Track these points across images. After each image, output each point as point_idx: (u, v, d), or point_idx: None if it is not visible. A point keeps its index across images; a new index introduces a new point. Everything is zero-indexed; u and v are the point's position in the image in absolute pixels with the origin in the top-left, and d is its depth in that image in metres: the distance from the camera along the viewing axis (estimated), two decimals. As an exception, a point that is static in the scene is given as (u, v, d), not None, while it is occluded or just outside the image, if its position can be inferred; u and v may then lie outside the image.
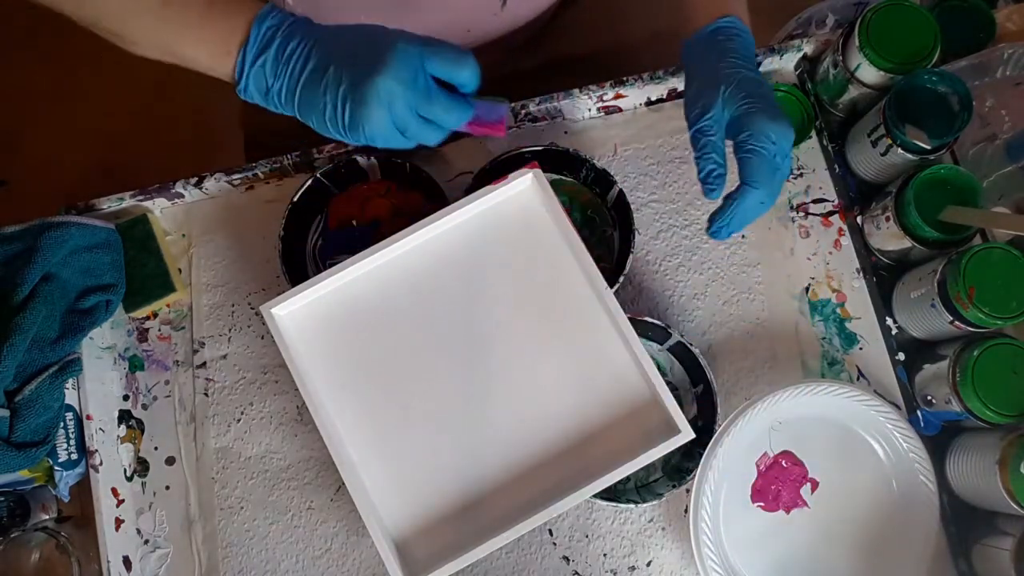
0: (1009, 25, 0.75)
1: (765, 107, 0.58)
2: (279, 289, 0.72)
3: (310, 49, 0.57)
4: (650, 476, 0.71)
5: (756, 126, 0.57)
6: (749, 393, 0.72)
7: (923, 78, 0.67)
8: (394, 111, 0.57)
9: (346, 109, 0.57)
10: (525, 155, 0.73)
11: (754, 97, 0.59)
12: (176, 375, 0.77)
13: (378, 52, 0.56)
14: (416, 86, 0.57)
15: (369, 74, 0.56)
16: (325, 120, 0.58)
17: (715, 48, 0.62)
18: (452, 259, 0.69)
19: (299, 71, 0.57)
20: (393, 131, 0.58)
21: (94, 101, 1.66)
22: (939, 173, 0.66)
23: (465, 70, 0.58)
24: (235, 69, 0.58)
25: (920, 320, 0.68)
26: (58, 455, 0.72)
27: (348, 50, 0.57)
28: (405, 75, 0.56)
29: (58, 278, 0.72)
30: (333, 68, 0.57)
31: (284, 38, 0.58)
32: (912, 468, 0.67)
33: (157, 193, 0.79)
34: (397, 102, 0.56)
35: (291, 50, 0.57)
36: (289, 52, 0.57)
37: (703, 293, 0.74)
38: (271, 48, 0.57)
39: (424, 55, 0.57)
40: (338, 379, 0.68)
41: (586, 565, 0.70)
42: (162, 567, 0.74)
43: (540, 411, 0.66)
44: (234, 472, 0.75)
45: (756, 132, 0.57)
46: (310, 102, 0.58)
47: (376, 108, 0.56)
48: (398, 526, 0.65)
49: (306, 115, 0.59)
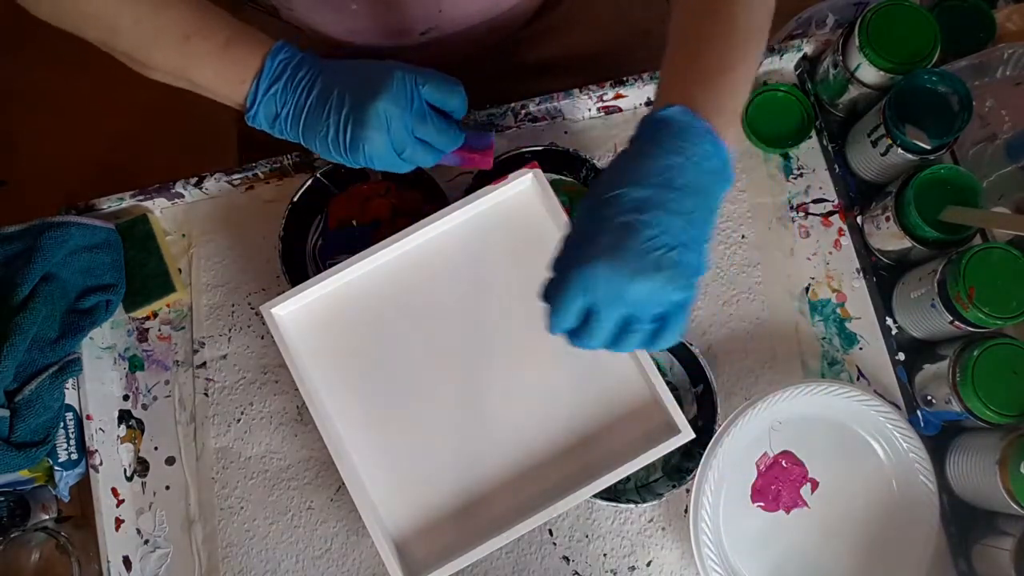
0: (1009, 25, 0.75)
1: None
2: (279, 289, 0.72)
3: (315, 78, 0.62)
4: (650, 476, 0.71)
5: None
6: (749, 393, 0.72)
7: (923, 78, 0.67)
8: (392, 132, 0.61)
9: (347, 131, 0.61)
10: (525, 155, 0.73)
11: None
12: (176, 375, 0.77)
13: (378, 79, 0.61)
14: (412, 109, 0.62)
15: (370, 98, 0.60)
16: (328, 142, 0.62)
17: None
18: (452, 259, 0.69)
19: (304, 98, 0.62)
20: (391, 152, 0.62)
21: (94, 101, 1.66)
22: (939, 173, 0.66)
23: (456, 98, 0.64)
24: (247, 97, 0.62)
25: (920, 320, 0.68)
26: (58, 455, 0.72)
27: (350, 78, 0.62)
28: (402, 99, 0.61)
29: (58, 278, 0.72)
30: (336, 94, 0.61)
31: (293, 70, 0.62)
32: (912, 468, 0.67)
33: (157, 193, 0.79)
34: (395, 123, 0.61)
35: (299, 79, 0.62)
36: (297, 81, 0.62)
37: (703, 293, 0.74)
38: (282, 79, 0.62)
39: (419, 82, 0.62)
40: (338, 379, 0.68)
41: (586, 565, 0.70)
42: (162, 567, 0.74)
43: (540, 411, 0.66)
44: (234, 472, 0.75)
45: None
46: (314, 126, 0.62)
47: (376, 130, 0.61)
48: (398, 526, 0.65)
49: (310, 139, 0.63)
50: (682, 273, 0.48)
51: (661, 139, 0.49)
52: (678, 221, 0.48)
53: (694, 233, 0.49)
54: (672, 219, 0.48)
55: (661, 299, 0.48)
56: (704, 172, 0.49)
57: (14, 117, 1.67)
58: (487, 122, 0.77)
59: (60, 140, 1.65)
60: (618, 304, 0.48)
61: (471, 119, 0.73)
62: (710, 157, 0.49)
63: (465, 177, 0.77)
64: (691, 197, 0.48)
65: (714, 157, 0.49)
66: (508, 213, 0.69)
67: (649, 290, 0.47)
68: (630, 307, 0.48)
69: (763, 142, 0.76)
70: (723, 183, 0.51)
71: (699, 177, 0.49)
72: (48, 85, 1.68)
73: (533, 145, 0.73)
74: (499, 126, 0.78)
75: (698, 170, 0.49)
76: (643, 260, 0.47)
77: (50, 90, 1.68)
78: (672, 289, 0.47)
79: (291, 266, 0.74)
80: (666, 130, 0.49)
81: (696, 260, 0.49)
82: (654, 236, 0.47)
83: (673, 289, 0.47)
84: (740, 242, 0.75)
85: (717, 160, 0.50)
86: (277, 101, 0.62)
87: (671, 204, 0.48)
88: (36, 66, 1.69)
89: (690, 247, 0.48)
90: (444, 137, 0.64)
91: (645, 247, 0.47)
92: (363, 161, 0.63)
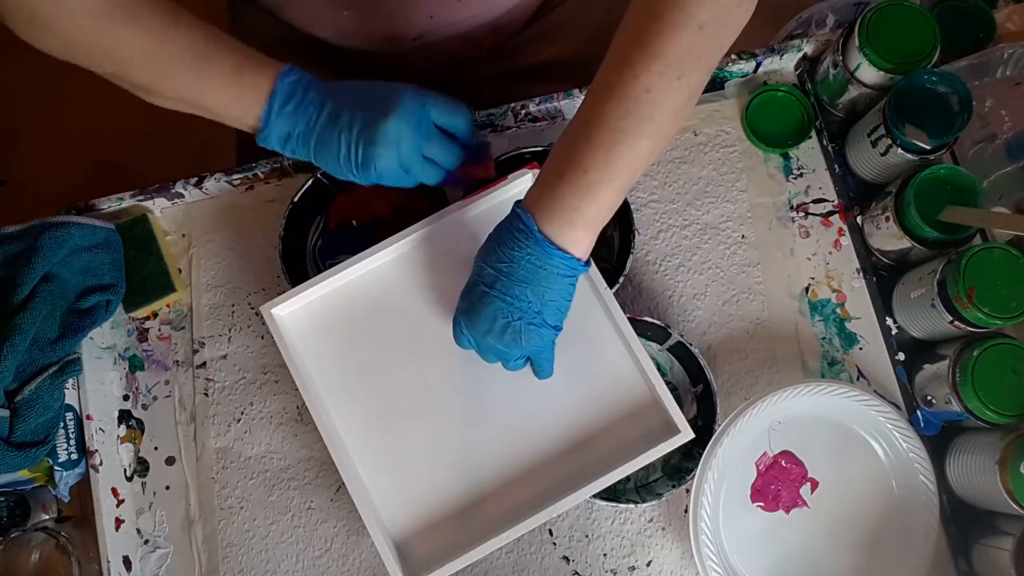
0: (1009, 25, 0.75)
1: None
2: (279, 289, 0.72)
3: (324, 99, 0.63)
4: (650, 476, 0.71)
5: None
6: (749, 393, 0.72)
7: (923, 78, 0.67)
8: (401, 150, 0.63)
9: (359, 149, 0.63)
10: (525, 155, 0.73)
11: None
12: (176, 375, 0.77)
13: (388, 99, 0.63)
14: (420, 129, 0.64)
15: (381, 117, 0.62)
16: (339, 160, 0.64)
17: None
18: (452, 259, 0.69)
19: (316, 118, 0.63)
20: (399, 169, 0.64)
21: (94, 101, 1.65)
22: (939, 173, 0.66)
23: (461, 119, 0.66)
24: (259, 119, 0.63)
25: (920, 320, 0.68)
26: (58, 455, 0.72)
27: (359, 99, 0.63)
28: (412, 119, 0.63)
29: (58, 278, 0.72)
30: (346, 114, 0.63)
31: (303, 90, 0.63)
32: (912, 468, 0.67)
33: (157, 193, 0.79)
34: (404, 142, 0.63)
35: (309, 99, 0.63)
36: (307, 101, 0.63)
37: (703, 293, 0.74)
38: (292, 100, 0.63)
39: (427, 104, 0.64)
40: (338, 379, 0.68)
41: (586, 565, 0.70)
42: (162, 567, 0.74)
43: (540, 411, 0.66)
44: (234, 472, 0.75)
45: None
46: (325, 144, 0.63)
47: (386, 147, 0.62)
48: (398, 526, 0.65)
49: (321, 157, 0.64)
50: (525, 337, 0.58)
51: (510, 229, 0.58)
52: (515, 302, 0.57)
53: (530, 310, 0.58)
54: (508, 300, 0.57)
55: (514, 351, 0.60)
56: (538, 268, 0.57)
57: (14, 117, 1.67)
58: (485, 123, 0.77)
59: (60, 140, 1.65)
60: (484, 347, 0.60)
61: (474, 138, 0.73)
62: (542, 257, 0.56)
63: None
64: (521, 286, 0.57)
65: (544, 257, 0.56)
66: (508, 213, 0.69)
67: (499, 345, 0.59)
68: (494, 352, 0.61)
69: (763, 142, 0.76)
70: (558, 277, 0.57)
71: (531, 271, 0.57)
72: (48, 85, 1.68)
73: (533, 145, 0.73)
74: (499, 126, 0.78)
75: (531, 266, 0.57)
76: (492, 324, 0.58)
77: (50, 90, 1.68)
78: (518, 347, 0.59)
79: (291, 266, 0.74)
80: (515, 224, 0.57)
81: (537, 329, 0.58)
82: (498, 308, 0.58)
83: (519, 346, 0.59)
84: (740, 242, 0.75)
85: (548, 259, 0.56)
86: (289, 122, 0.63)
87: (506, 288, 0.57)
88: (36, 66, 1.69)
89: (530, 320, 0.58)
90: (449, 156, 0.66)
91: (492, 313, 0.58)
92: (373, 177, 0.64)
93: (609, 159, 0.54)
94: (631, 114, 0.53)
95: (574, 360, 0.66)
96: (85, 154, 1.60)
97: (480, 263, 0.60)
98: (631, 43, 0.53)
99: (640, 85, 0.52)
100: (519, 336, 0.58)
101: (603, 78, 0.55)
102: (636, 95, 0.53)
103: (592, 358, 0.66)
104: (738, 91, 0.78)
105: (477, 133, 0.76)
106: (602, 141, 0.54)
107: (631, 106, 0.53)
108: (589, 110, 0.55)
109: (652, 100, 0.53)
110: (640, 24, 0.53)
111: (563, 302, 0.59)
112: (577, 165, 0.54)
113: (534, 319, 0.58)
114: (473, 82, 0.83)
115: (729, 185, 0.76)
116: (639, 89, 0.53)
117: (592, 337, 0.66)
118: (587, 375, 0.66)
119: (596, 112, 0.54)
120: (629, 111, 0.53)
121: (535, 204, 0.57)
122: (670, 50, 0.52)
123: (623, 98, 0.53)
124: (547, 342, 0.60)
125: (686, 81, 0.53)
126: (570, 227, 0.56)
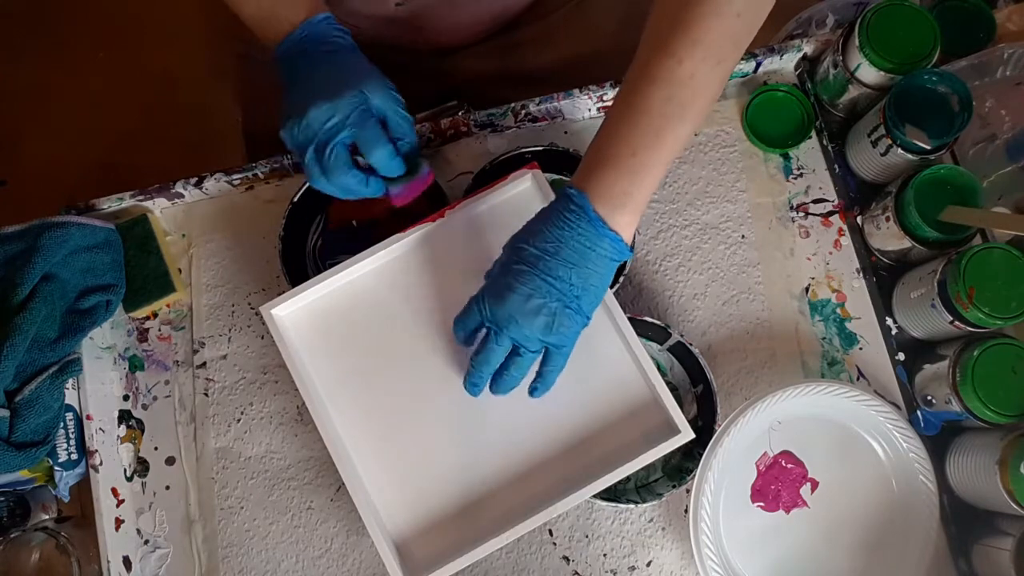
0: (1009, 25, 0.75)
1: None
2: (279, 289, 0.72)
3: (315, 64, 0.64)
4: (650, 476, 0.71)
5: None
6: (749, 393, 0.72)
7: (923, 78, 0.67)
8: (335, 116, 0.61)
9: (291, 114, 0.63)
10: (525, 155, 0.73)
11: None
12: (176, 375, 0.77)
13: (353, 73, 0.63)
14: (367, 105, 0.62)
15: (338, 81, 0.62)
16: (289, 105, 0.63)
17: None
18: (453, 259, 0.69)
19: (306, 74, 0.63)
20: (325, 129, 0.62)
21: (94, 101, 1.66)
22: (939, 173, 0.66)
23: (405, 123, 0.64)
24: (296, 27, 0.63)
25: (920, 320, 0.68)
26: (58, 455, 0.72)
27: (326, 75, 0.64)
28: (357, 100, 0.62)
29: (58, 278, 0.72)
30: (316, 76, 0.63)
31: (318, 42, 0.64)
32: (912, 468, 0.67)
33: (157, 193, 0.79)
34: (340, 111, 0.61)
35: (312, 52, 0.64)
36: (311, 53, 0.64)
37: (703, 293, 0.74)
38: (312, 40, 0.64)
39: (379, 89, 0.63)
40: (338, 379, 0.68)
41: (586, 565, 0.70)
42: (162, 567, 0.74)
43: (540, 411, 0.66)
44: (234, 472, 0.75)
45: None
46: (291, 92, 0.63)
47: (320, 101, 0.61)
48: (398, 526, 0.65)
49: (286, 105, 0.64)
50: (558, 321, 0.57)
51: (560, 210, 0.57)
52: (556, 282, 0.57)
53: (570, 293, 0.57)
54: (550, 280, 0.57)
55: (536, 337, 0.58)
56: (587, 249, 0.57)
57: (14, 117, 1.67)
58: (485, 123, 0.77)
59: (60, 140, 1.65)
60: (510, 328, 0.58)
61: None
62: (593, 238, 0.56)
63: (465, 177, 0.77)
64: (567, 267, 0.57)
65: (595, 238, 0.56)
66: (508, 213, 0.69)
67: (526, 328, 0.57)
68: (517, 336, 0.58)
69: (763, 142, 0.76)
70: (606, 260, 0.57)
71: (580, 252, 0.57)
72: (48, 85, 1.68)
73: (533, 145, 0.73)
74: (499, 126, 0.78)
75: (581, 247, 0.56)
76: (525, 303, 0.57)
77: (50, 90, 1.68)
78: (546, 331, 0.58)
79: (291, 266, 0.74)
80: (564, 204, 0.57)
81: (573, 315, 0.58)
82: (536, 287, 0.57)
83: (548, 331, 0.58)
84: (740, 242, 0.75)
85: (599, 240, 0.56)
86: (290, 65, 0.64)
87: (550, 268, 0.57)
88: (36, 66, 1.69)
89: (567, 303, 0.57)
90: (380, 150, 0.63)
91: (528, 292, 0.57)
92: (301, 136, 0.63)
93: (656, 144, 0.55)
94: (674, 99, 0.54)
95: (574, 360, 0.66)
96: (85, 154, 1.60)
97: (518, 245, 0.58)
98: (671, 29, 0.54)
99: (684, 71, 0.54)
100: (552, 320, 0.57)
101: (643, 64, 0.56)
102: (680, 80, 0.54)
103: (592, 358, 0.66)
104: (738, 91, 0.78)
105: (476, 114, 0.76)
106: (649, 125, 0.55)
107: (675, 91, 0.54)
108: (632, 97, 0.56)
109: (694, 85, 0.54)
110: (678, 10, 0.54)
111: (601, 290, 0.59)
112: (627, 149, 0.55)
113: (572, 303, 0.57)
114: (475, 84, 0.83)
115: (729, 185, 0.76)
116: (683, 75, 0.54)
117: (592, 337, 0.66)
118: (587, 375, 0.66)
119: (641, 98, 0.55)
120: (672, 96, 0.54)
121: (584, 188, 0.57)
122: (711, 36, 0.54)
123: (667, 84, 0.54)
124: (574, 332, 0.60)
125: (724, 67, 0.55)
126: (620, 211, 0.56)
